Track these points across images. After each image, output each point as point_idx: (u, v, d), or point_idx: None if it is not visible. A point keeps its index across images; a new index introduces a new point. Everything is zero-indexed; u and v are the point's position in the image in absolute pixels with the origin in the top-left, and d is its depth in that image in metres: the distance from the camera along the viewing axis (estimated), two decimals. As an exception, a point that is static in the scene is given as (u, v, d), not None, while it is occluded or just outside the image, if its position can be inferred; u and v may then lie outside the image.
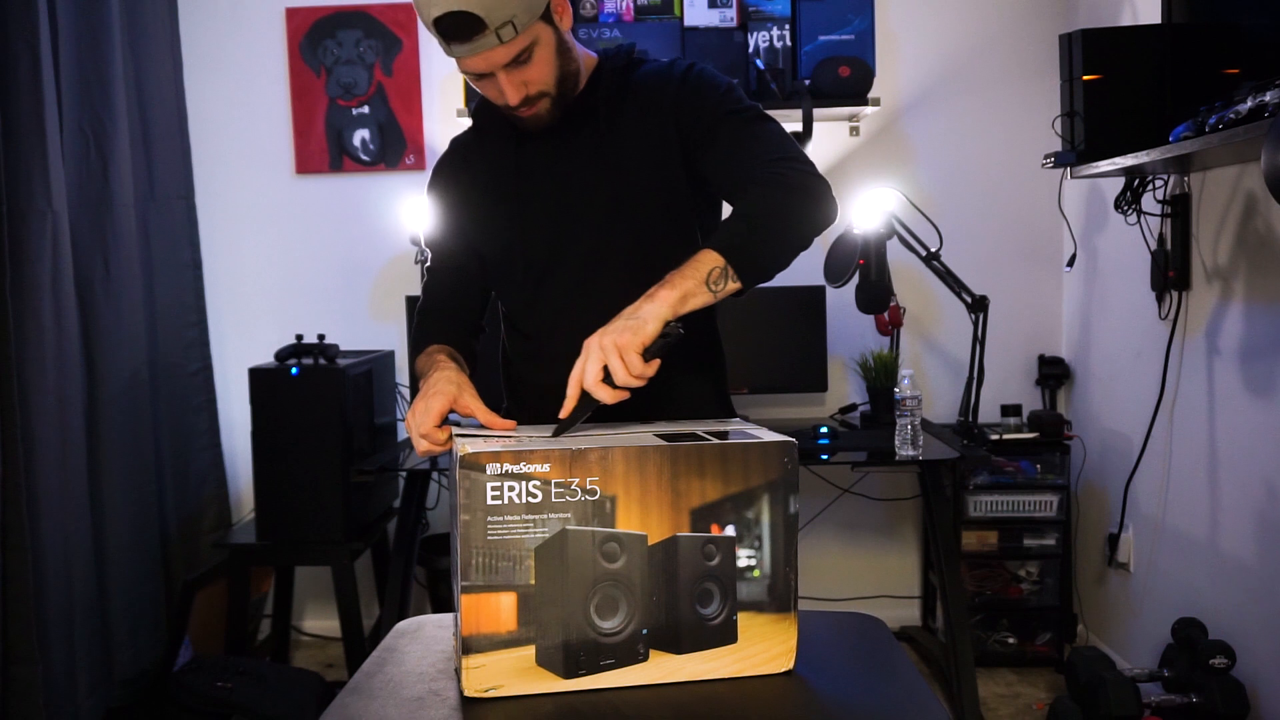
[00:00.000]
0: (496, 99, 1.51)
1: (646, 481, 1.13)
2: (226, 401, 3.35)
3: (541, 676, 1.12)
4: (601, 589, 1.12)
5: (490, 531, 1.09)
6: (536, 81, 1.49)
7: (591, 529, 1.12)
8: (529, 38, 1.43)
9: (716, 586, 1.15)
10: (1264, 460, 2.25)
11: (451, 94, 3.32)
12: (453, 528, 1.13)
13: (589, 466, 1.11)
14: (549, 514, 1.10)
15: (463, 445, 1.13)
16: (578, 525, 1.11)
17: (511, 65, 1.45)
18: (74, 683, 2.48)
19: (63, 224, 2.49)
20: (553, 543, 1.11)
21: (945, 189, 3.28)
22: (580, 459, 1.11)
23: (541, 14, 1.43)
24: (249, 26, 3.35)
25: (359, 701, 1.15)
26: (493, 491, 1.09)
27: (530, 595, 1.10)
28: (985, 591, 3.10)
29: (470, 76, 1.49)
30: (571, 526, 1.11)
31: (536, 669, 1.12)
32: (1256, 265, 2.27)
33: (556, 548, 1.11)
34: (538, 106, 1.51)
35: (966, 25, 3.30)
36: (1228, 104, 1.94)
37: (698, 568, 1.15)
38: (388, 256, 3.38)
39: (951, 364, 3.34)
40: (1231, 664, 2.27)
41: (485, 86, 1.51)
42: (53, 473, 2.44)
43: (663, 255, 1.48)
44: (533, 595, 1.10)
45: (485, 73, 1.46)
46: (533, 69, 1.47)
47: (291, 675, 2.82)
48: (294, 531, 2.82)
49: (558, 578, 1.11)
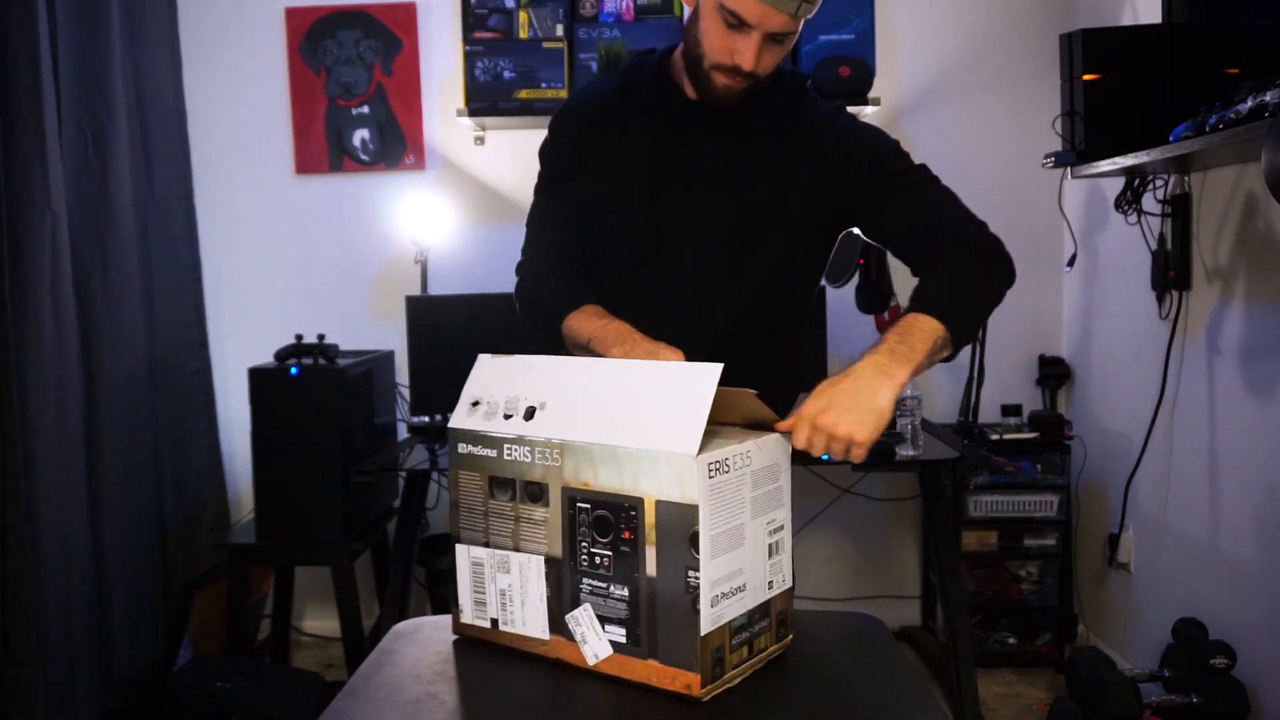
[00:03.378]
0: (722, 53, 1.46)
1: None
2: (226, 402, 3.35)
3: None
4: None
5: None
6: (767, 65, 1.49)
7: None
8: (798, 26, 1.46)
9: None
10: (1264, 460, 2.25)
11: (451, 94, 3.32)
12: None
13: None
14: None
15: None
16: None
17: (774, 37, 1.45)
18: (73, 683, 2.48)
19: (61, 224, 2.49)
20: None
21: (945, 189, 3.27)
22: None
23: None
24: (249, 26, 3.34)
25: (356, 705, 1.15)
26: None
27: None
28: (985, 591, 3.10)
29: (725, 18, 1.43)
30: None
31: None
32: (1256, 265, 2.27)
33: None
34: (744, 84, 1.49)
35: (966, 25, 3.30)
36: (1228, 104, 1.94)
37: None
38: (388, 256, 3.38)
39: (952, 364, 3.33)
40: (1232, 664, 2.27)
41: (725, 35, 1.45)
42: (52, 473, 2.43)
43: (768, 287, 1.54)
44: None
45: (753, 25, 1.42)
46: (776, 52, 1.48)
47: (291, 675, 2.82)
48: (294, 531, 2.82)
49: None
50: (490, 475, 1.24)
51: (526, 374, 1.27)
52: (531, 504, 1.21)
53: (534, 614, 1.22)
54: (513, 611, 1.24)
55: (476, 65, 3.09)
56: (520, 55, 3.08)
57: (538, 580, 1.21)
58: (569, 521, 1.17)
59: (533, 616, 1.22)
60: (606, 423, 1.15)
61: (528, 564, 1.21)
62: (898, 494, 3.39)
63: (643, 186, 1.58)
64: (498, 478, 1.23)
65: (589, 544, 1.16)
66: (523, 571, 1.22)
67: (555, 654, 1.20)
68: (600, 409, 1.17)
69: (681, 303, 1.56)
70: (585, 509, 1.16)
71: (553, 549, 1.19)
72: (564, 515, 1.18)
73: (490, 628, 1.26)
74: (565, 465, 1.17)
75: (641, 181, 1.58)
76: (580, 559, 1.17)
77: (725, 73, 1.48)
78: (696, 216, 1.57)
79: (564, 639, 1.20)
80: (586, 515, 1.16)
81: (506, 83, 3.09)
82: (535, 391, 1.23)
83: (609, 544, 1.14)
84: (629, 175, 1.59)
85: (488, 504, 1.24)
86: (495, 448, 1.23)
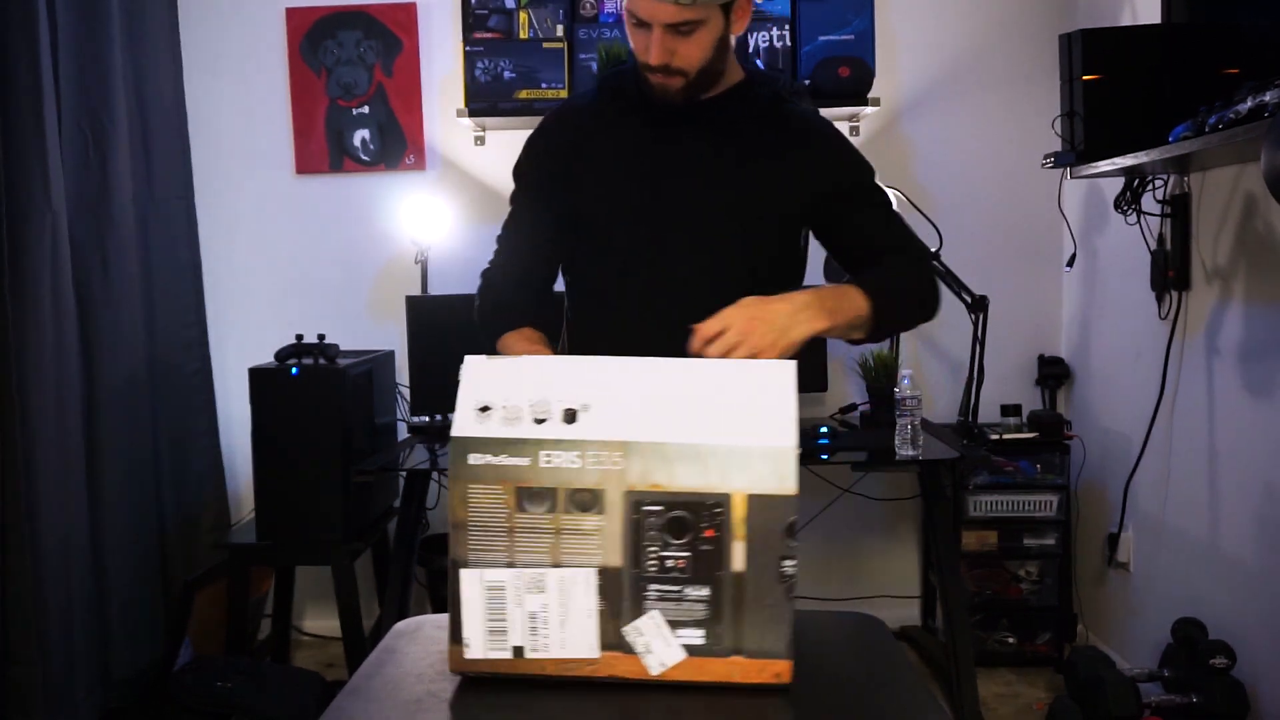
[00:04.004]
0: (639, 52, 1.53)
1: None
2: (226, 402, 3.34)
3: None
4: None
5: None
6: (684, 58, 1.51)
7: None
8: (702, 14, 1.46)
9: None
10: (1264, 460, 2.25)
11: (452, 94, 3.32)
12: None
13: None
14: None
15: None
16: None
17: (671, 28, 1.47)
18: (73, 683, 2.48)
19: (61, 224, 2.49)
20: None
21: (945, 189, 3.27)
22: None
23: (724, 3, 1.47)
24: (249, 27, 3.34)
25: (357, 704, 1.15)
26: None
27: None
28: (985, 591, 3.10)
29: (630, 20, 1.51)
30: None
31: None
32: (1256, 265, 2.27)
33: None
34: (672, 80, 1.53)
35: (966, 25, 3.30)
36: (1227, 104, 1.94)
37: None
38: (388, 256, 3.38)
39: (951, 364, 3.34)
40: (1231, 664, 2.27)
41: (637, 36, 1.52)
42: (51, 473, 2.43)
43: (757, 280, 1.54)
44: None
45: (646, 21, 1.47)
46: (688, 44, 1.50)
47: (291, 675, 2.82)
48: (294, 531, 2.82)
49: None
50: (519, 486, 1.13)
51: (547, 375, 1.18)
52: (580, 513, 1.12)
53: (579, 632, 1.14)
54: (547, 635, 1.15)
55: (477, 65, 3.10)
56: (520, 55, 3.09)
57: (585, 595, 1.14)
58: (632, 527, 1.12)
59: (577, 635, 1.14)
60: (678, 421, 1.11)
61: (572, 579, 1.13)
62: (898, 494, 3.39)
63: (637, 184, 1.61)
64: (530, 488, 1.13)
65: (659, 548, 1.12)
66: (564, 588, 1.14)
67: (606, 672, 1.14)
68: (664, 407, 1.13)
69: (681, 296, 1.58)
70: (655, 511, 1.11)
71: (609, 559, 1.13)
72: (626, 521, 1.12)
73: (511, 658, 1.16)
74: (629, 468, 1.11)
75: (635, 179, 1.61)
76: (647, 564, 1.12)
77: (650, 71, 1.53)
78: (693, 209, 1.60)
79: (618, 654, 1.14)
80: (657, 518, 1.11)
81: (507, 83, 3.09)
82: (569, 393, 1.15)
83: (685, 545, 1.11)
84: (622, 175, 1.62)
85: (513, 519, 1.14)
86: (528, 455, 1.12)
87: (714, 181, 1.60)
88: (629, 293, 1.62)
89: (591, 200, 1.64)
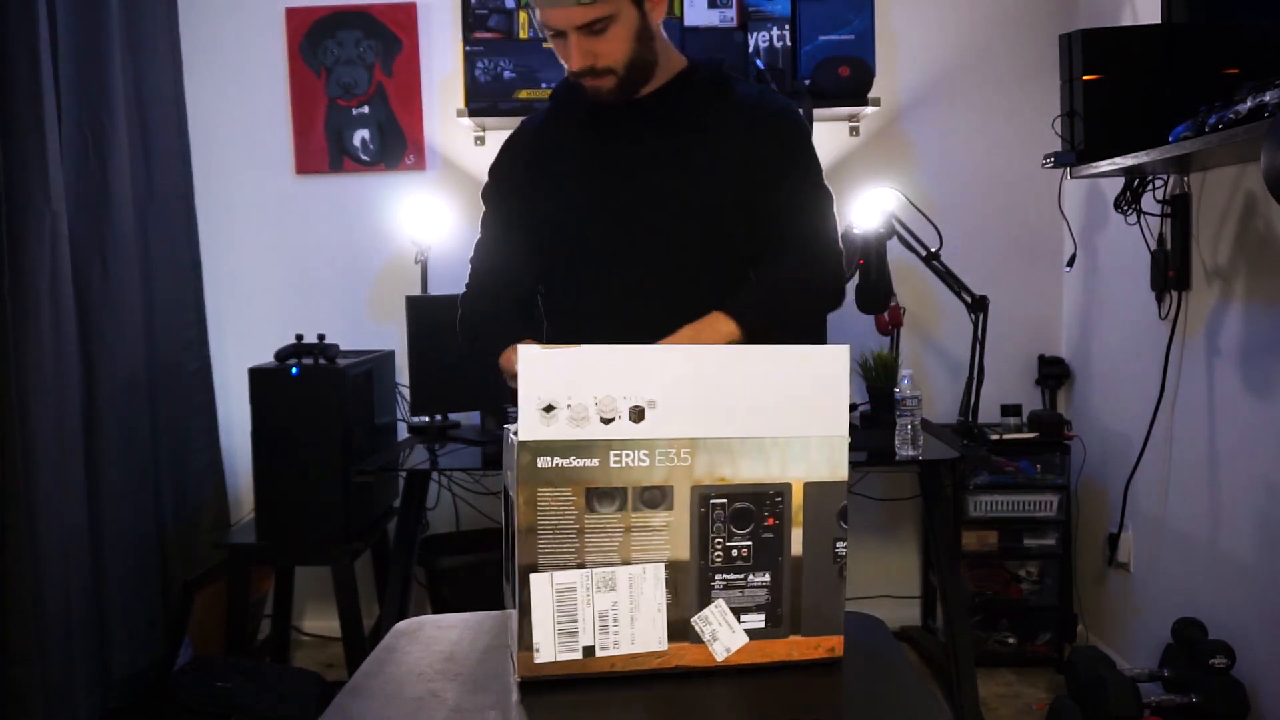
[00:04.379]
0: (565, 61, 1.55)
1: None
2: (226, 401, 3.35)
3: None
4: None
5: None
6: (606, 56, 1.52)
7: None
8: (609, 9, 1.47)
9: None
10: (1264, 460, 2.25)
11: (452, 94, 3.32)
12: None
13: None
14: None
15: None
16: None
17: (585, 30, 1.48)
18: (72, 683, 2.48)
19: (61, 224, 2.49)
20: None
21: (945, 189, 3.28)
22: None
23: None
24: (249, 27, 3.34)
25: (358, 703, 1.15)
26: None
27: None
28: (985, 591, 3.10)
29: (548, 33, 1.53)
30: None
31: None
32: (1256, 265, 2.27)
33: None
34: (603, 80, 1.55)
35: (966, 25, 3.30)
36: (1227, 104, 1.94)
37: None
38: (388, 256, 3.38)
39: (951, 364, 3.34)
40: (1231, 664, 2.27)
41: (559, 46, 1.54)
42: (51, 473, 2.43)
43: (718, 268, 1.57)
44: None
45: (559, 30, 1.49)
46: (605, 42, 1.51)
47: (291, 675, 2.82)
48: (294, 531, 2.82)
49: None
50: (590, 487, 1.13)
51: (610, 367, 1.13)
52: (649, 510, 1.14)
53: (649, 626, 1.16)
54: (618, 632, 1.16)
55: (477, 65, 3.10)
56: (520, 55, 3.09)
57: (655, 590, 1.15)
58: (700, 520, 1.15)
59: (646, 630, 1.16)
60: (740, 414, 1.14)
61: (641, 575, 1.15)
62: (898, 494, 3.39)
63: (597, 184, 1.63)
64: (599, 488, 1.13)
65: (724, 539, 1.16)
66: (635, 585, 1.15)
67: (674, 663, 1.16)
68: (727, 400, 1.15)
69: (645, 291, 1.60)
70: (721, 504, 1.15)
71: (677, 553, 1.15)
72: (695, 514, 1.15)
73: (582, 658, 1.15)
74: (697, 463, 1.14)
75: (595, 181, 1.63)
76: (714, 555, 1.16)
77: (580, 76, 1.55)
78: (646, 203, 1.62)
79: (685, 644, 1.16)
80: (723, 510, 1.15)
81: (507, 83, 3.09)
82: (633, 387, 1.13)
83: (748, 534, 1.16)
84: (588, 178, 1.64)
85: (583, 520, 1.13)
86: (597, 456, 1.12)
87: (664, 174, 1.61)
88: (593, 294, 1.65)
89: (553, 209, 1.67)
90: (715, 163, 1.61)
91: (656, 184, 1.61)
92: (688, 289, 1.60)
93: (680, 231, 1.61)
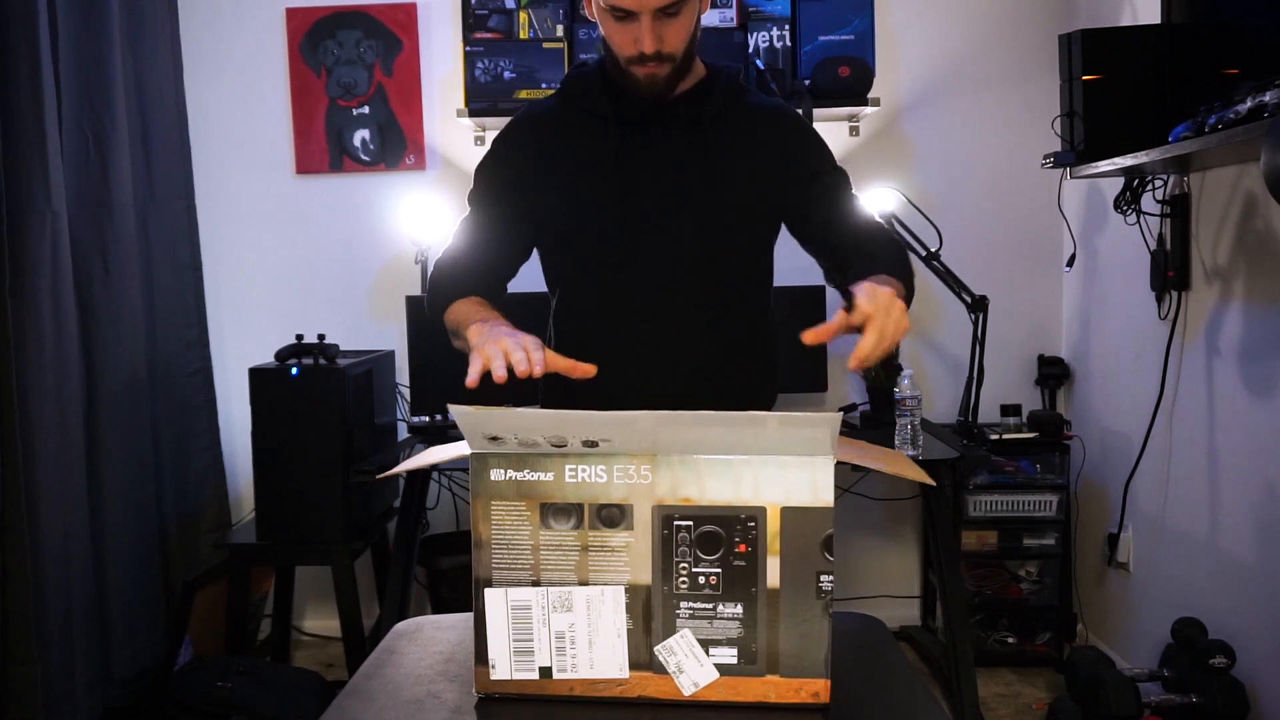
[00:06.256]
0: (626, 46, 1.52)
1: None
2: (226, 401, 3.35)
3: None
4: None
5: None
6: (672, 41, 1.51)
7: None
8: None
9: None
10: (1264, 460, 2.25)
11: (451, 94, 3.32)
12: None
13: None
14: None
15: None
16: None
17: (661, 12, 1.47)
18: (73, 683, 2.48)
19: (62, 224, 2.49)
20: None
21: (945, 189, 3.28)
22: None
23: None
24: (249, 26, 3.35)
25: (357, 704, 1.15)
26: None
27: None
28: (985, 591, 3.10)
29: (614, 15, 1.50)
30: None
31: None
32: (1256, 265, 2.27)
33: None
34: (660, 67, 1.53)
35: (966, 25, 3.30)
36: (1227, 104, 1.94)
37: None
38: (388, 256, 3.38)
39: (951, 364, 3.34)
40: (1231, 664, 2.27)
41: (621, 30, 1.51)
42: (52, 472, 2.43)
43: (739, 271, 1.58)
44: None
45: (634, 10, 1.47)
46: (676, 26, 1.50)
47: (291, 675, 2.82)
48: (294, 531, 2.82)
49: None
50: (544, 502, 1.09)
51: (555, 421, 1.08)
52: (607, 529, 1.09)
53: (608, 652, 1.11)
54: (575, 655, 1.12)
55: (477, 65, 3.10)
56: (520, 55, 3.09)
57: (614, 613, 1.10)
58: (663, 542, 1.09)
59: (606, 655, 1.11)
60: (707, 431, 1.07)
61: (600, 597, 1.10)
62: (897, 494, 3.39)
63: (613, 184, 1.61)
64: (555, 504, 1.09)
65: (689, 564, 1.09)
66: (593, 607, 1.10)
67: (636, 692, 1.11)
68: (691, 420, 1.06)
69: (659, 295, 1.59)
70: (686, 526, 1.08)
71: (637, 576, 1.09)
72: (656, 536, 1.08)
73: (537, 679, 1.13)
74: (658, 481, 1.07)
75: (611, 180, 1.61)
76: (678, 582, 1.09)
77: (638, 63, 1.52)
78: (671, 205, 1.60)
79: (649, 674, 1.10)
80: (688, 534, 1.08)
81: (507, 83, 3.09)
82: (584, 430, 1.08)
83: (717, 560, 1.08)
84: (600, 177, 1.62)
85: (538, 536, 1.10)
86: (552, 470, 1.08)
87: (684, 178, 1.60)
88: (609, 295, 1.62)
89: (561, 206, 1.64)
90: (737, 169, 1.61)
91: (666, 191, 1.60)
92: (687, 296, 1.59)
93: (705, 234, 1.60)
